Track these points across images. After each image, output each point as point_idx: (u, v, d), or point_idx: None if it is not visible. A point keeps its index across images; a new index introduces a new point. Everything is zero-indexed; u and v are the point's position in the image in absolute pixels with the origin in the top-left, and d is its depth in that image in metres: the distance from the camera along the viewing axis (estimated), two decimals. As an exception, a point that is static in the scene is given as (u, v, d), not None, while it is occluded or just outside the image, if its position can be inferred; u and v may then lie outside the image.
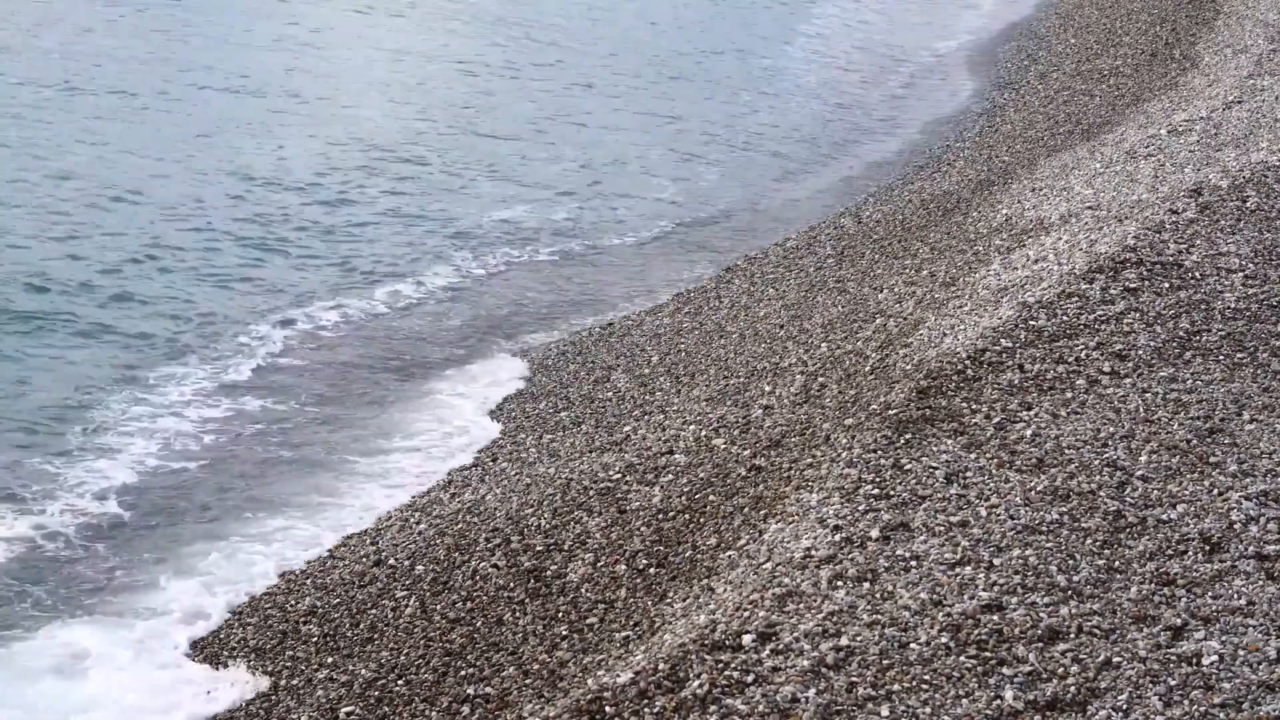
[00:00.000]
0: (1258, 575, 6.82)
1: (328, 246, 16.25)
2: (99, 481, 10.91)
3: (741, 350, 12.56)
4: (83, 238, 15.52)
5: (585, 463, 10.39)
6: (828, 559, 6.97)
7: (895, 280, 13.12)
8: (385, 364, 13.56)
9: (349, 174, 18.72)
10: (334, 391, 12.87)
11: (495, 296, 15.49)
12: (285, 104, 21.75)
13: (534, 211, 18.10)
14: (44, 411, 11.87)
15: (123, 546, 10.19)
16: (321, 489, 11.06)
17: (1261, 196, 12.27)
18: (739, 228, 18.29)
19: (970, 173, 18.22)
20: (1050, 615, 6.47)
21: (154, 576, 9.79)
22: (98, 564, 9.96)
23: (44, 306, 13.81)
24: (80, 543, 10.17)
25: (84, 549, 10.11)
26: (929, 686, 6.01)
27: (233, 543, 10.20)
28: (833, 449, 8.52)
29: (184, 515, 10.62)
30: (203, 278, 14.96)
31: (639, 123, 22.83)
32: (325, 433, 12.03)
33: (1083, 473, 7.74)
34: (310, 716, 8.02)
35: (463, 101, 22.96)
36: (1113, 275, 10.48)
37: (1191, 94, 18.12)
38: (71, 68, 21.69)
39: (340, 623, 8.90)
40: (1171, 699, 5.96)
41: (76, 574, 9.81)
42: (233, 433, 11.92)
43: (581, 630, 7.98)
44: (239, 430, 11.97)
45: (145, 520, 10.53)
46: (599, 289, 16.03)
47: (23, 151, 17.79)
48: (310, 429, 12.09)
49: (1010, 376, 8.97)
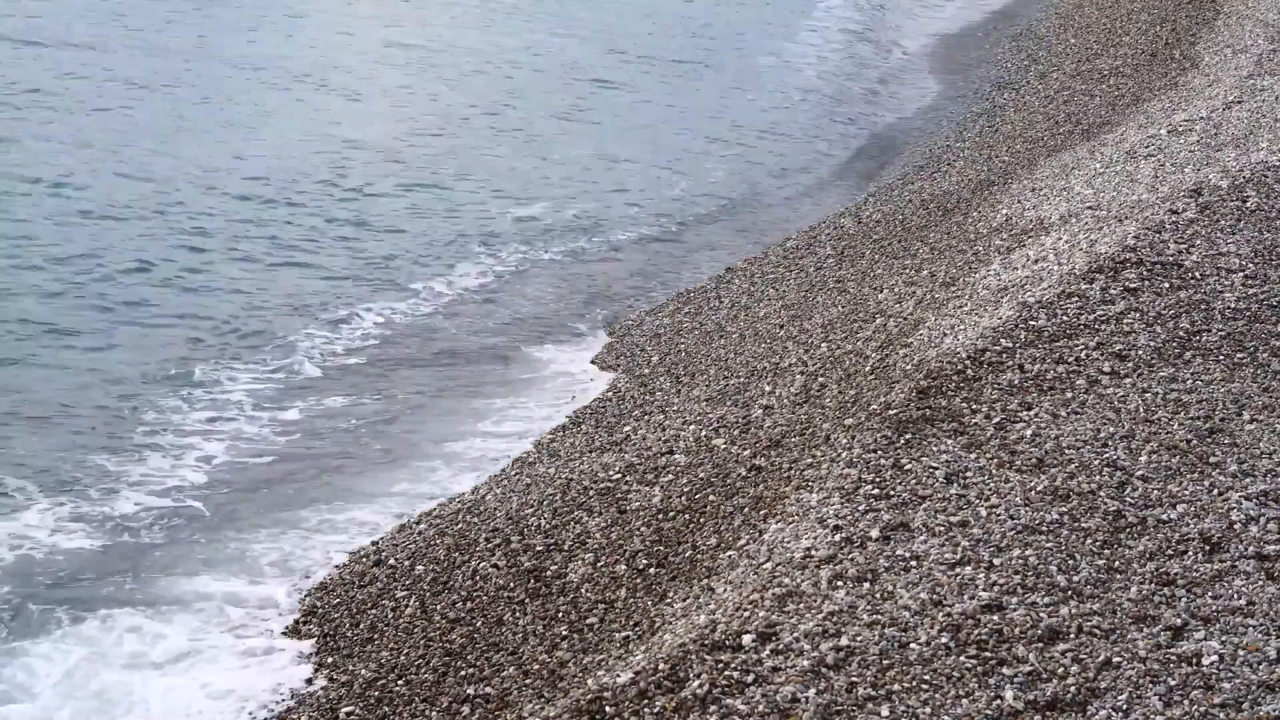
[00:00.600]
0: (1258, 575, 6.82)
1: (354, 246, 16.28)
2: (165, 478, 10.98)
3: (741, 350, 12.56)
4: (117, 233, 15.65)
5: (585, 463, 10.39)
6: (828, 559, 6.97)
7: (895, 280, 13.12)
8: (434, 360, 13.62)
9: (368, 171, 18.82)
10: (389, 387, 12.92)
11: (538, 291, 15.61)
12: (301, 97, 21.94)
13: (563, 207, 18.23)
14: (104, 410, 11.94)
15: (220, 520, 10.40)
16: (393, 480, 11.11)
17: (1261, 196, 12.27)
18: (741, 227, 18.35)
19: (970, 173, 18.22)
20: (1050, 615, 6.47)
21: (238, 558, 9.91)
22: (183, 549, 10.08)
23: (92, 305, 13.94)
24: (153, 533, 10.26)
25: (164, 536, 10.22)
26: (929, 686, 6.01)
27: (305, 531, 10.28)
28: (833, 449, 8.52)
29: (252, 509, 10.66)
30: (242, 277, 15.03)
31: (649, 117, 22.95)
32: (384, 428, 12.11)
33: (1083, 473, 7.74)
34: (310, 716, 8.02)
35: (472, 99, 23.05)
36: (1113, 275, 10.48)
37: (1191, 94, 18.12)
38: (104, 62, 22.02)
39: (340, 623, 8.90)
40: (1171, 699, 5.96)
41: (149, 563, 9.86)
42: (293, 429, 11.99)
43: (581, 630, 7.98)
44: (299, 427, 12.03)
45: (221, 509, 10.64)
46: (668, 273, 16.13)
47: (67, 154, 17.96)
48: (370, 424, 12.16)
49: (1010, 376, 8.97)
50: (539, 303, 15.32)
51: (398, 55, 25.24)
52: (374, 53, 25.24)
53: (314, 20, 26.95)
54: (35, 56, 21.96)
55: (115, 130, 19.11)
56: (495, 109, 22.54)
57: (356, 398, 12.64)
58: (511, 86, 24.02)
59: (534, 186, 18.96)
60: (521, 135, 21.23)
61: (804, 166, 21.30)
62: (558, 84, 24.44)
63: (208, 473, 11.14)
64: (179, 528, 10.35)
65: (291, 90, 22.22)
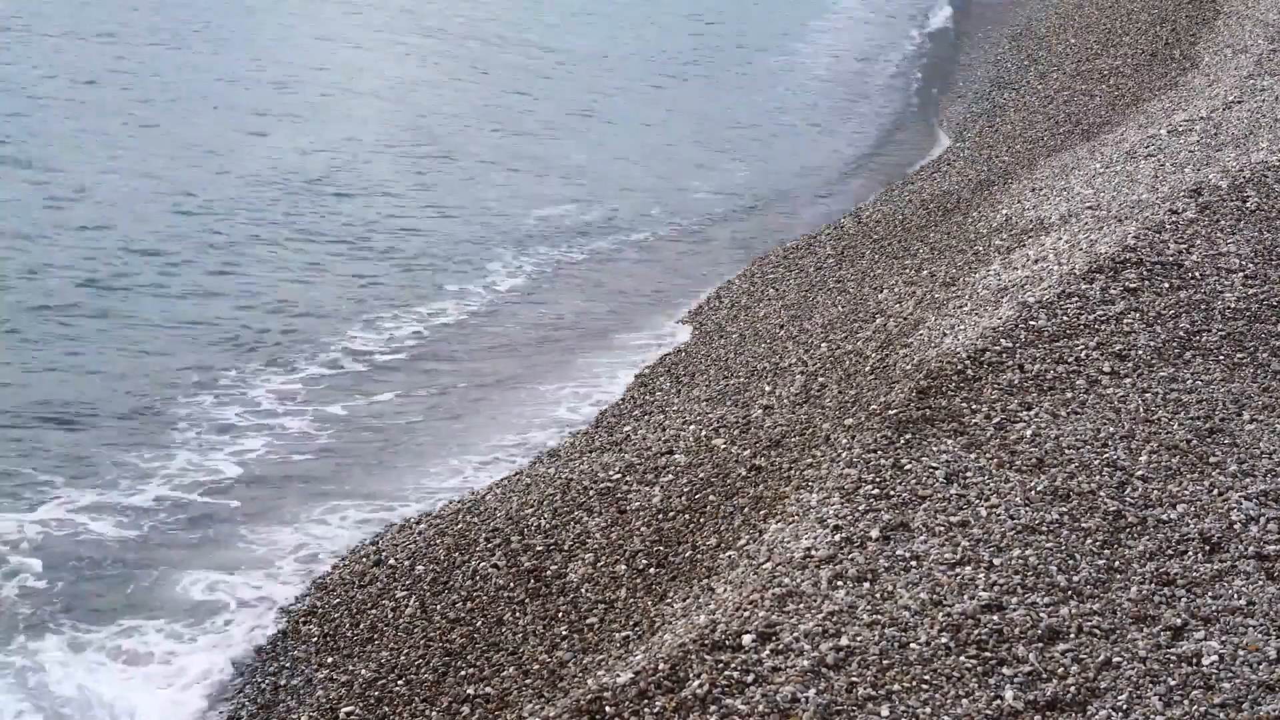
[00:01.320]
0: (1258, 575, 6.82)
1: (381, 248, 16.35)
2: (195, 474, 11.07)
3: (741, 350, 12.56)
4: (146, 235, 15.75)
5: (585, 463, 10.39)
6: (828, 559, 6.97)
7: (895, 280, 13.12)
8: (464, 361, 13.67)
9: (388, 170, 18.96)
10: (417, 389, 12.96)
11: (567, 293, 15.66)
12: (321, 99, 22.16)
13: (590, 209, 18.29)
14: (138, 407, 12.04)
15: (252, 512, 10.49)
16: (427, 477, 11.17)
17: (1261, 196, 12.27)
18: (771, 227, 18.40)
19: (970, 173, 18.22)
20: (1050, 615, 6.47)
21: (250, 555, 9.99)
22: (212, 537, 10.18)
23: (117, 304, 14.09)
24: (180, 524, 10.36)
25: (200, 521, 10.36)
26: (929, 686, 6.01)
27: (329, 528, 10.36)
28: (833, 449, 8.52)
29: (283, 502, 10.77)
30: (272, 278, 15.13)
31: (665, 117, 23.10)
32: (423, 425, 12.17)
33: (1083, 473, 7.74)
34: (310, 716, 8.02)
35: (486, 99, 23.17)
36: (1113, 275, 10.48)
37: (1191, 94, 18.11)
38: (137, 58, 22.36)
39: (340, 623, 8.90)
40: (1171, 699, 5.96)
41: (162, 559, 9.92)
42: (333, 425, 12.07)
43: (581, 630, 7.98)
44: (340, 423, 12.12)
45: (245, 504, 10.73)
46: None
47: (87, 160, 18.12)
48: (403, 423, 12.24)
49: (1010, 376, 8.97)
50: (568, 306, 15.30)
51: (419, 50, 25.42)
52: (393, 50, 25.41)
53: (339, 22, 27.20)
54: (79, 52, 22.19)
55: (157, 132, 19.33)
56: (509, 108, 22.68)
57: (396, 395, 12.72)
58: (522, 83, 24.15)
59: (553, 187, 19.05)
60: (536, 137, 21.32)
61: (819, 166, 21.36)
62: (578, 83, 24.59)
63: (241, 467, 11.28)
64: (200, 521, 10.45)
65: (329, 92, 22.48)
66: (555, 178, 19.45)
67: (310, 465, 11.37)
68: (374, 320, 14.30)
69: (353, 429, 12.06)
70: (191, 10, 26.52)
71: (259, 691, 8.45)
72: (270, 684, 8.49)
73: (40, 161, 17.60)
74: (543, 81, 24.58)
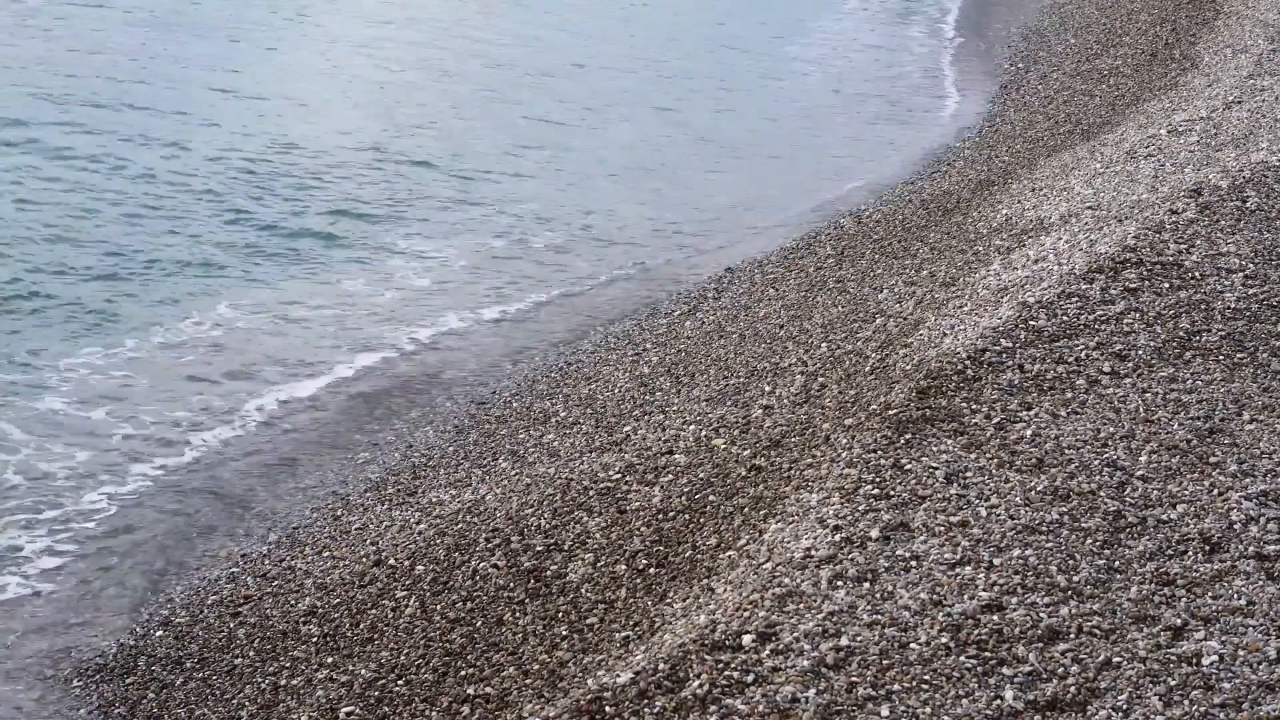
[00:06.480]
0: (1258, 575, 6.82)
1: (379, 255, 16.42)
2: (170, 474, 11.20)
3: (741, 350, 12.56)
4: (164, 229, 15.92)
5: (585, 463, 10.39)
6: (828, 559, 6.97)
7: (895, 280, 13.12)
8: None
9: (391, 170, 19.03)
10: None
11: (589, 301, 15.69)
12: (325, 94, 22.28)
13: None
14: (162, 401, 12.20)
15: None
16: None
17: (1261, 196, 12.27)
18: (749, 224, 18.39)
19: (970, 173, 18.22)
20: (1050, 615, 6.47)
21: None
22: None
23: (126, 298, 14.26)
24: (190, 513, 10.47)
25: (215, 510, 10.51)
26: (929, 686, 6.01)
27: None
28: (833, 449, 8.52)
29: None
30: (288, 279, 15.25)
31: (663, 120, 23.13)
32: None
33: (1083, 473, 7.74)
34: (310, 716, 8.02)
35: (490, 98, 23.24)
36: (1113, 275, 10.49)
37: (1191, 94, 18.11)
38: (152, 49, 22.62)
39: (340, 623, 8.90)
40: (1171, 699, 5.96)
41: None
42: (333, 425, 12.22)
43: (581, 630, 7.98)
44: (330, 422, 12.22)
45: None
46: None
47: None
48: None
49: (1010, 376, 8.97)
50: (586, 312, 15.33)
51: (419, 54, 25.47)
52: (396, 51, 25.45)
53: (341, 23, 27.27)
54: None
55: (176, 122, 19.53)
56: (509, 110, 22.66)
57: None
58: (526, 83, 24.17)
59: (557, 196, 19.02)
60: (543, 143, 21.30)
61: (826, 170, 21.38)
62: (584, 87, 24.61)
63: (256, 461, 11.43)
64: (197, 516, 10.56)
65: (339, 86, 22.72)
66: (562, 184, 19.42)
67: (308, 461, 11.38)
68: (370, 347, 14.30)
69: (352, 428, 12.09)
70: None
71: (259, 691, 8.46)
72: (270, 684, 8.49)
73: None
74: (548, 83, 24.58)
